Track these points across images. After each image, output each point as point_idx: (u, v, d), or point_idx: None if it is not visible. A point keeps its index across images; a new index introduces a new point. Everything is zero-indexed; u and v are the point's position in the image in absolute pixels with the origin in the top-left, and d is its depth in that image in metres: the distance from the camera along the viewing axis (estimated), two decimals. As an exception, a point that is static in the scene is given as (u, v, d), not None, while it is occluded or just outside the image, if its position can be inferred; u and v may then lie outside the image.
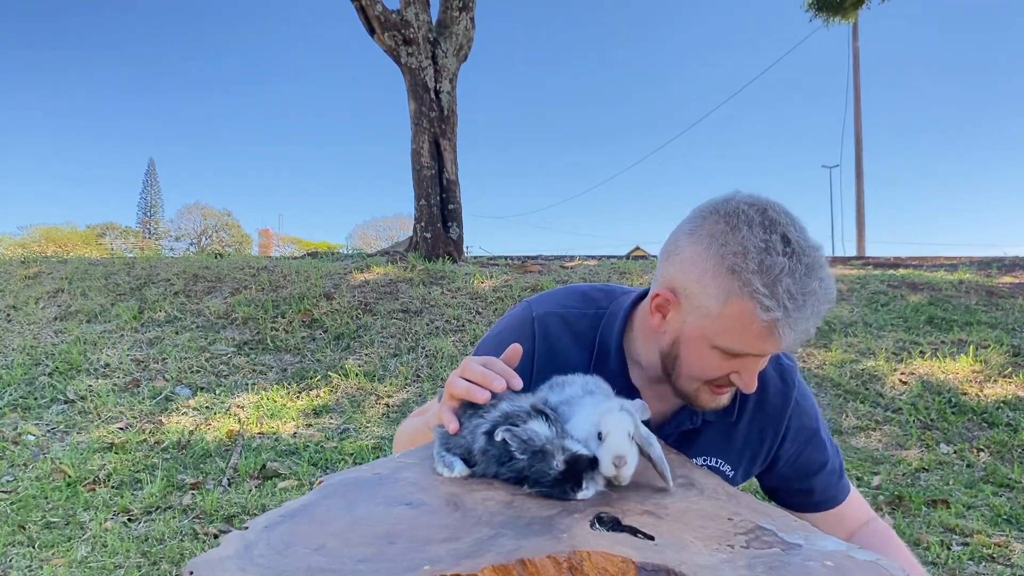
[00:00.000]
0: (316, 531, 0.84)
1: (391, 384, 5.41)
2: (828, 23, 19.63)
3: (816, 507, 1.49)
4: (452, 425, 1.08)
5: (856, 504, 1.51)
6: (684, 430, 1.37)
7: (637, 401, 1.08)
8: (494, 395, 1.08)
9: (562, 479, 0.93)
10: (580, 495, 0.93)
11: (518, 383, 1.10)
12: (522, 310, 1.42)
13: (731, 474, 1.43)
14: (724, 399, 1.31)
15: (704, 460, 1.40)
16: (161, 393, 5.19)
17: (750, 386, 1.24)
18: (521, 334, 1.36)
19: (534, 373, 1.30)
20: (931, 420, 5.00)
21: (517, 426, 0.97)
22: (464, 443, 1.04)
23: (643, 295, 1.39)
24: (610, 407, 1.01)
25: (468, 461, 1.03)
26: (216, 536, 3.38)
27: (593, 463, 0.95)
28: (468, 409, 1.08)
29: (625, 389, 1.30)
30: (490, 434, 0.99)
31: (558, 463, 0.94)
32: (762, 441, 1.42)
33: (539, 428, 0.97)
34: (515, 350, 1.18)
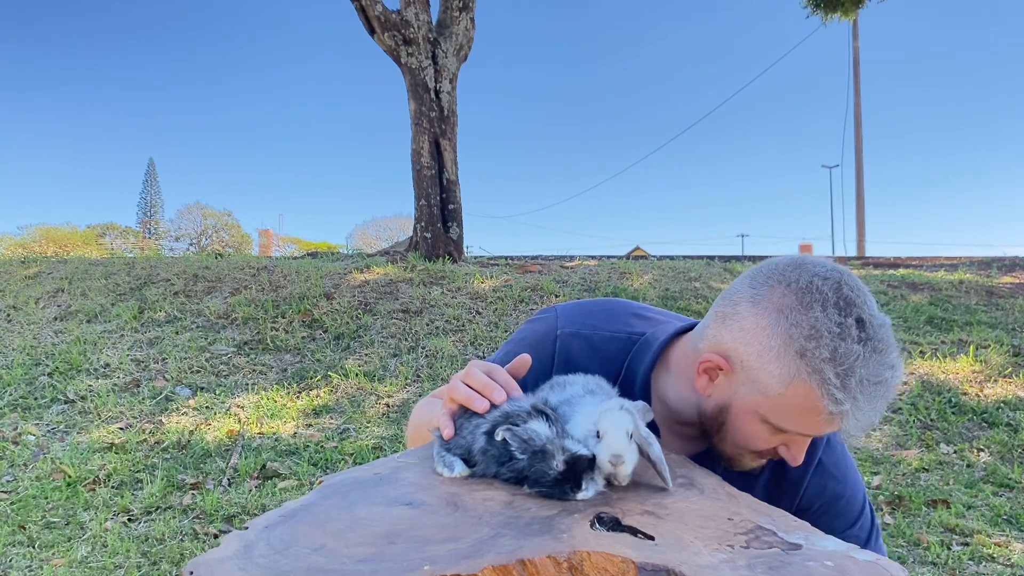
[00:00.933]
0: (316, 531, 0.84)
1: (391, 384, 5.41)
2: (826, 20, 19.60)
3: None
4: (447, 431, 1.07)
5: None
6: None
7: (639, 403, 1.07)
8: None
9: (562, 479, 0.93)
10: (580, 495, 0.93)
11: (519, 396, 1.08)
12: (548, 324, 1.35)
13: None
14: (762, 462, 1.26)
15: None
16: (161, 393, 5.19)
17: (797, 460, 1.18)
18: (540, 349, 1.30)
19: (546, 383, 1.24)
20: (931, 420, 5.00)
21: (517, 426, 0.97)
22: (464, 443, 1.04)
23: (685, 329, 1.31)
24: (610, 406, 1.01)
25: (468, 461, 1.03)
26: (216, 536, 3.39)
27: (593, 463, 0.95)
28: (468, 410, 1.08)
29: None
30: (490, 434, 0.99)
31: (558, 463, 0.94)
32: (779, 500, 1.32)
33: (539, 428, 0.97)
34: (523, 361, 1.16)
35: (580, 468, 0.94)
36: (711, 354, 1.17)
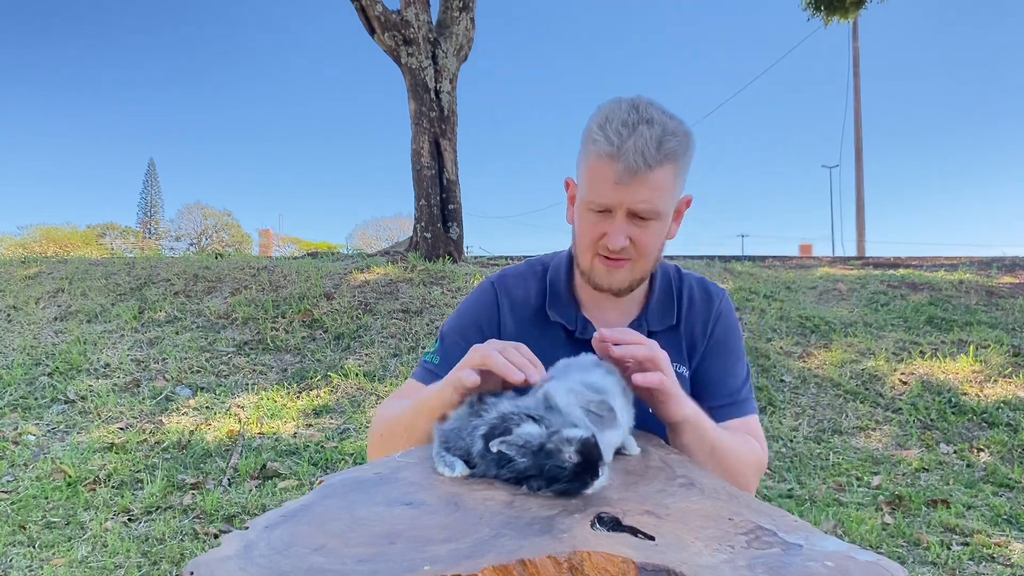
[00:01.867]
0: (316, 531, 0.84)
1: (391, 384, 5.41)
2: (827, 22, 19.58)
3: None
4: (472, 378, 1.12)
5: (747, 428, 1.49)
6: None
7: (585, 357, 1.20)
8: (498, 394, 1.09)
9: (581, 469, 0.93)
10: (598, 483, 0.93)
11: (543, 373, 1.15)
12: (483, 284, 1.60)
13: (687, 374, 1.52)
14: (617, 276, 1.42)
15: None
16: (161, 393, 5.19)
17: (613, 241, 1.36)
18: (486, 298, 1.55)
19: (502, 327, 1.50)
20: (931, 420, 5.00)
21: (510, 432, 0.97)
22: (464, 444, 1.04)
23: None
24: (554, 391, 1.07)
25: (468, 462, 1.03)
26: (216, 536, 3.38)
27: (597, 443, 0.95)
28: (468, 408, 1.08)
29: (580, 322, 1.50)
30: (488, 437, 0.99)
31: (570, 455, 0.93)
32: (696, 341, 1.54)
33: (531, 429, 0.97)
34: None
35: (594, 453, 0.93)
36: (569, 179, 1.47)
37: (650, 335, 1.48)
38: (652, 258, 1.42)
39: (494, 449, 0.96)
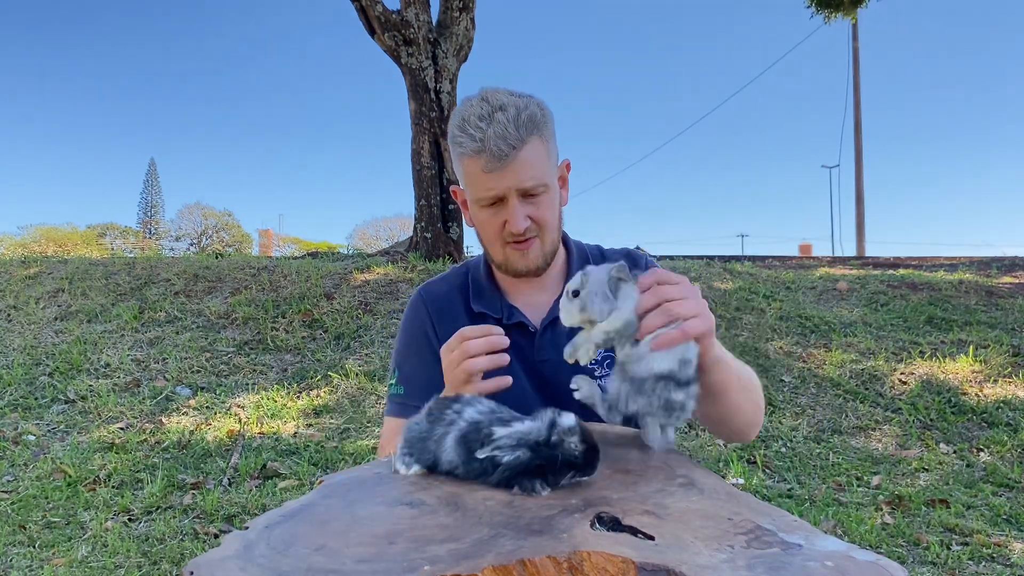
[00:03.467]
0: (316, 531, 0.84)
1: (391, 384, 5.41)
2: (829, 19, 19.54)
3: None
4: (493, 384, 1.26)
5: None
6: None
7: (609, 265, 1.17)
8: (457, 399, 1.04)
9: (591, 455, 0.95)
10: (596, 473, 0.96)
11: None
12: (412, 298, 1.66)
13: None
14: (531, 256, 1.47)
15: None
16: (161, 393, 5.19)
17: (515, 224, 1.41)
18: (418, 312, 1.60)
19: (437, 336, 1.53)
20: (931, 420, 5.00)
21: (491, 436, 0.95)
22: (430, 453, 1.01)
23: None
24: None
25: (433, 468, 1.01)
26: (216, 536, 3.39)
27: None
28: (426, 415, 1.05)
29: (506, 309, 1.54)
30: (465, 442, 0.98)
31: (574, 443, 0.94)
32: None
33: (522, 427, 0.97)
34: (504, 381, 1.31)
35: (591, 437, 0.95)
36: (455, 188, 1.54)
37: None
38: (555, 228, 1.49)
39: (481, 455, 0.95)
